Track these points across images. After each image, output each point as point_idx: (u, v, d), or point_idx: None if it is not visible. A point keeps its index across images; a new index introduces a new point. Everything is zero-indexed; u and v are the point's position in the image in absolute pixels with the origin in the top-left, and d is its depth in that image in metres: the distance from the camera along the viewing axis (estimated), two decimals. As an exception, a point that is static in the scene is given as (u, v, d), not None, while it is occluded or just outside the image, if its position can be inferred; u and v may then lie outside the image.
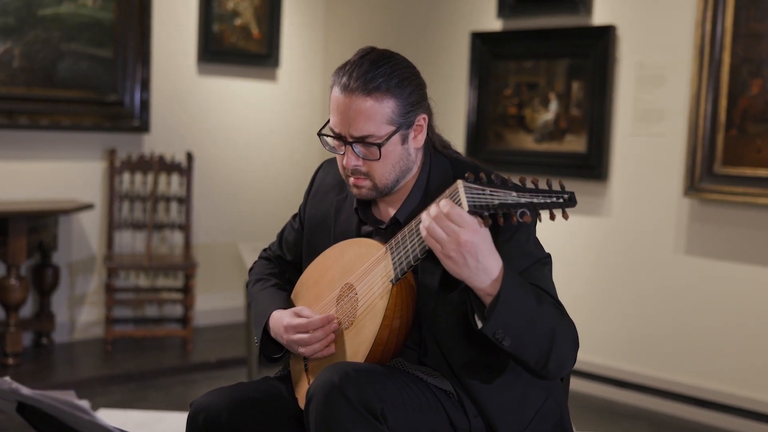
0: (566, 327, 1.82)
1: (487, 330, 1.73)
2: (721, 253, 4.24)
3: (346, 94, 1.89)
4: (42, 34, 4.87)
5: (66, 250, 5.13)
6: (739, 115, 4.12)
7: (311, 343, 1.95)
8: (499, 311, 1.71)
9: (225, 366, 4.95)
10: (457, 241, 1.69)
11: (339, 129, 1.92)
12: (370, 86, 1.87)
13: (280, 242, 2.30)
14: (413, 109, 1.92)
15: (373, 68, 1.89)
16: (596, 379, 4.63)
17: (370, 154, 1.91)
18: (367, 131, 1.89)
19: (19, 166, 4.95)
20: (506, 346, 1.74)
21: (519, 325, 1.74)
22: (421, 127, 1.96)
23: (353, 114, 1.88)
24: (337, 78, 1.93)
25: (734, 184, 4.13)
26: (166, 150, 5.43)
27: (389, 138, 1.90)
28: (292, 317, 2.00)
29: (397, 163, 1.94)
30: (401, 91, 1.90)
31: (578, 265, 4.69)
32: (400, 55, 1.97)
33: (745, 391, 4.16)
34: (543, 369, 1.80)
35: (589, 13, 4.66)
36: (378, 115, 1.88)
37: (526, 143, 4.91)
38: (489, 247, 1.73)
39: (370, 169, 1.93)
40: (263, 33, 5.78)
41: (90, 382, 4.53)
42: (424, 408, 1.85)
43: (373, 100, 1.87)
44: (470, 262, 1.71)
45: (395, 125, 1.90)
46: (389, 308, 1.85)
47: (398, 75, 1.90)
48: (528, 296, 1.76)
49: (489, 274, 1.72)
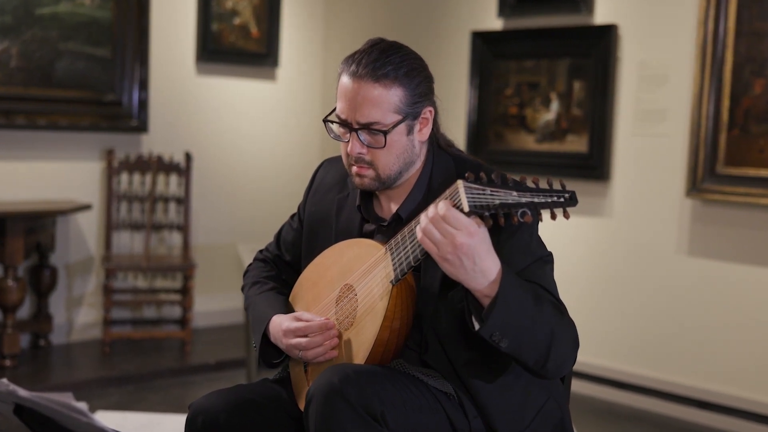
0: (566, 327, 1.81)
1: (484, 332, 1.73)
2: (723, 253, 4.23)
3: (354, 80, 1.89)
4: (39, 33, 4.85)
5: (64, 250, 5.12)
6: (742, 114, 4.12)
7: (309, 348, 1.94)
8: (497, 313, 1.71)
9: (224, 368, 4.94)
10: (453, 243, 1.69)
11: (345, 115, 1.92)
12: (379, 73, 1.87)
13: (277, 242, 2.29)
14: (420, 100, 1.92)
15: (382, 56, 1.89)
16: (597, 381, 4.63)
17: (375, 142, 1.91)
18: (374, 118, 1.88)
19: (17, 167, 4.94)
20: (504, 347, 1.74)
21: (516, 327, 1.73)
22: (427, 120, 1.96)
23: (360, 100, 1.88)
24: (345, 66, 1.93)
25: (737, 184, 4.12)
26: (164, 150, 5.42)
27: (395, 126, 1.90)
28: (292, 321, 1.99)
29: (401, 153, 1.93)
30: (410, 80, 1.90)
31: (579, 266, 4.69)
32: (410, 48, 1.98)
33: (748, 393, 4.15)
34: (542, 369, 1.80)
35: (590, 12, 4.66)
36: (385, 103, 1.88)
37: (527, 143, 4.90)
38: (486, 248, 1.71)
39: (374, 158, 1.93)
40: (262, 32, 5.77)
41: (88, 383, 4.52)
42: (424, 409, 1.84)
43: (381, 87, 1.87)
44: (467, 265, 1.70)
45: (402, 114, 1.90)
46: (389, 309, 1.84)
47: (407, 65, 1.91)
48: (526, 297, 1.75)
49: (486, 276, 1.71)
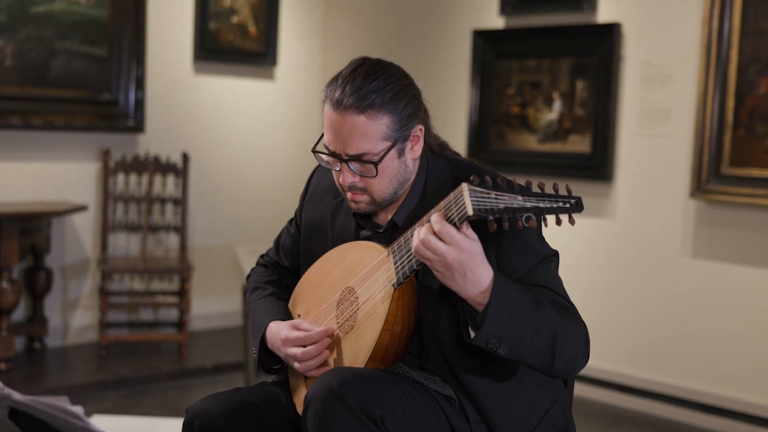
0: (572, 326, 1.81)
1: (479, 341, 1.73)
2: (728, 255, 4.23)
3: (339, 111, 1.86)
4: (35, 32, 4.85)
5: (59, 252, 5.12)
6: (747, 114, 4.13)
7: (303, 360, 1.94)
8: (489, 321, 1.71)
9: (221, 371, 4.95)
10: (443, 262, 1.71)
11: (333, 147, 1.90)
12: (364, 103, 1.84)
13: (277, 248, 2.30)
14: (409, 122, 1.90)
15: (366, 83, 1.86)
16: (600, 385, 4.63)
17: (366, 171, 1.90)
18: (363, 149, 1.87)
19: (11, 167, 4.94)
20: (503, 354, 1.75)
21: (513, 332, 1.73)
22: (418, 138, 1.95)
23: (347, 132, 1.86)
24: (328, 92, 1.90)
25: (742, 185, 4.13)
26: (161, 150, 5.42)
27: (386, 154, 1.88)
28: (291, 330, 1.99)
29: (394, 176, 1.93)
30: (396, 105, 1.87)
31: (582, 268, 4.69)
32: (394, 65, 1.94)
33: (754, 397, 4.15)
34: (551, 370, 1.80)
35: (593, 11, 4.67)
36: (373, 133, 1.86)
37: (529, 143, 4.90)
38: (478, 261, 1.73)
39: (368, 185, 1.92)
40: (260, 31, 5.78)
41: (83, 387, 4.52)
42: (425, 414, 1.84)
43: (366, 118, 1.85)
44: (458, 279, 1.72)
45: (391, 140, 1.88)
46: (390, 313, 1.84)
47: (392, 89, 1.87)
48: (522, 302, 1.75)
49: (478, 286, 1.73)
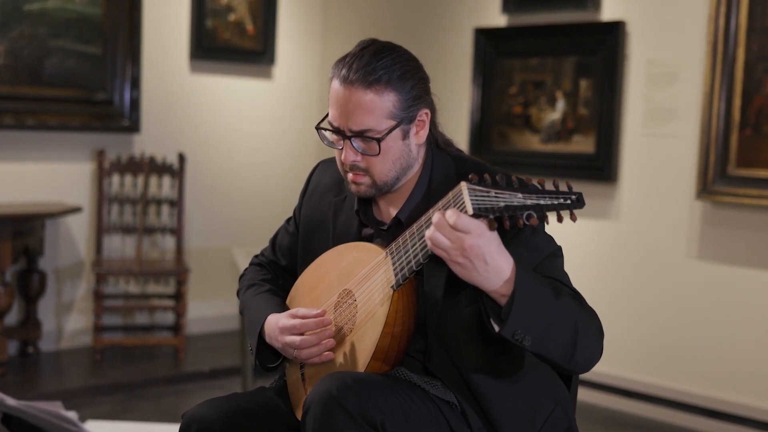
0: (589, 318, 1.82)
1: (506, 332, 1.70)
2: (734, 257, 4.23)
3: (345, 86, 1.88)
4: (28, 30, 4.85)
5: (53, 255, 5.11)
6: (754, 114, 4.13)
7: (303, 348, 1.92)
8: (516, 311, 1.69)
9: (218, 376, 4.94)
10: (461, 246, 1.68)
11: (337, 122, 1.91)
12: (371, 78, 1.86)
13: (273, 247, 2.29)
14: (415, 103, 1.91)
15: (374, 60, 1.88)
16: (604, 389, 4.62)
17: (369, 149, 1.91)
18: (367, 125, 1.88)
19: (4, 168, 4.93)
20: (528, 345, 1.72)
21: (539, 322, 1.72)
22: (423, 123, 1.95)
23: (352, 107, 1.88)
24: (336, 70, 1.92)
25: (749, 186, 4.13)
26: (157, 151, 5.41)
27: (389, 133, 1.89)
28: (288, 318, 1.98)
29: (397, 159, 1.93)
30: (403, 84, 1.89)
31: (586, 270, 4.68)
32: (403, 48, 1.96)
33: (759, 402, 4.14)
34: (570, 363, 1.78)
35: (597, 9, 4.67)
36: (378, 109, 1.87)
37: (532, 144, 4.91)
38: (497, 248, 1.71)
39: (369, 165, 1.92)
40: (258, 29, 5.79)
41: (78, 392, 4.51)
42: (426, 419, 1.83)
43: (373, 93, 1.87)
44: (479, 266, 1.69)
45: (396, 120, 1.89)
46: (390, 315, 1.84)
47: (400, 68, 1.89)
48: (545, 291, 1.74)
49: (500, 275, 1.70)
